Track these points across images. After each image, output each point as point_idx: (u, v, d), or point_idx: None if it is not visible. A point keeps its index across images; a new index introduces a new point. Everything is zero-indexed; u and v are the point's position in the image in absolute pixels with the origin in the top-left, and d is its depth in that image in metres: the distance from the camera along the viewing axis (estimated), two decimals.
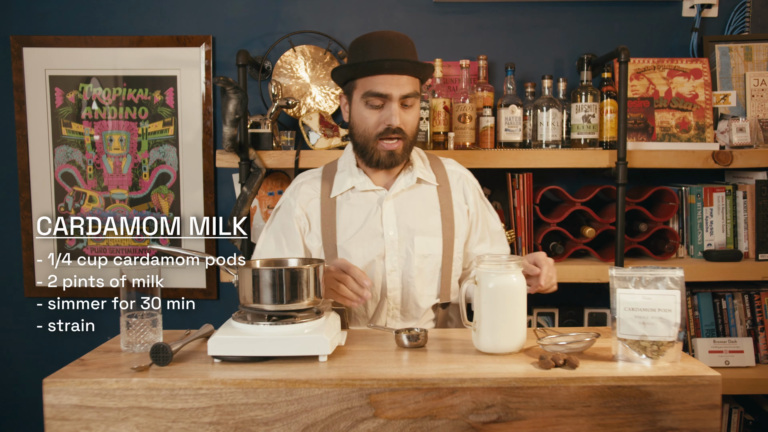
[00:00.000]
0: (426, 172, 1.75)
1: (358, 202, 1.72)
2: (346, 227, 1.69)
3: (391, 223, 1.69)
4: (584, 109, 2.23)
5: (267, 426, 1.13)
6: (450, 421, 1.14)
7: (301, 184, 1.77)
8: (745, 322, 2.27)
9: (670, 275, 1.23)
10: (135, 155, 2.48)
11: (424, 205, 1.72)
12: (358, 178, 1.72)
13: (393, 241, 1.68)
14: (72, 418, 1.14)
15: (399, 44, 1.64)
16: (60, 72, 2.45)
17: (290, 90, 2.42)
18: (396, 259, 1.68)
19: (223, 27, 2.46)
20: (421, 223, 1.70)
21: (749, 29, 2.40)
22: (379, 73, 1.61)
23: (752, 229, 2.26)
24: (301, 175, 1.82)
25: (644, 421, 1.14)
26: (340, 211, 1.71)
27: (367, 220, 1.69)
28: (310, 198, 1.74)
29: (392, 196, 1.71)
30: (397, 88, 1.62)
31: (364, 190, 1.72)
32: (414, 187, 1.73)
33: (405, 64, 1.61)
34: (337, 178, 1.75)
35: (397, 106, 1.63)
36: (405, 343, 1.33)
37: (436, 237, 1.69)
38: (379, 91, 1.61)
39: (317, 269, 1.31)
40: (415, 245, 1.68)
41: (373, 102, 1.63)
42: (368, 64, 1.61)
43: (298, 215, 1.72)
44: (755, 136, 2.25)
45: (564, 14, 2.45)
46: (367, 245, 1.67)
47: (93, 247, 2.49)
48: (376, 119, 1.64)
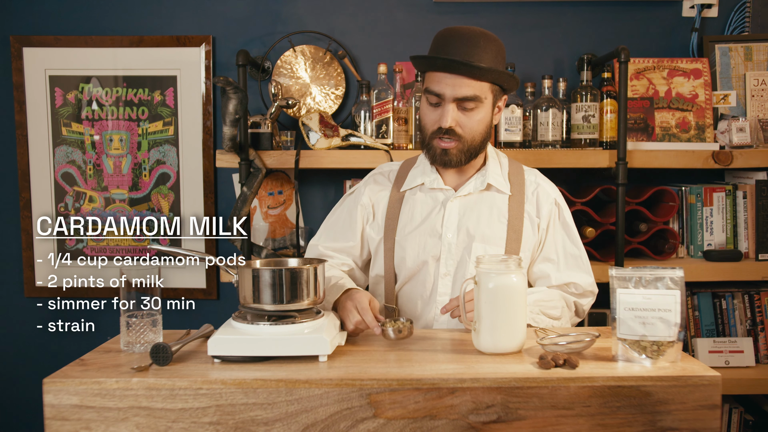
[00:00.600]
0: (500, 179, 1.67)
1: (423, 199, 1.68)
2: (406, 222, 1.67)
3: (451, 225, 1.64)
4: (584, 109, 2.23)
5: (267, 426, 1.13)
6: (450, 421, 1.14)
7: (377, 174, 1.77)
8: (745, 322, 2.27)
9: (670, 275, 1.23)
10: (135, 155, 2.48)
11: (492, 212, 1.64)
12: (430, 175, 1.69)
13: (450, 243, 1.62)
14: (72, 418, 1.14)
15: (471, 42, 1.53)
16: (60, 72, 2.46)
17: (290, 90, 2.43)
18: (451, 263, 1.62)
19: (223, 27, 2.46)
20: (484, 231, 1.62)
21: (749, 29, 2.40)
22: (434, 70, 1.57)
23: (752, 229, 2.26)
24: (380, 166, 1.81)
25: (644, 421, 1.14)
26: (405, 205, 1.69)
27: (428, 218, 1.65)
28: (380, 189, 1.73)
29: (458, 198, 1.65)
30: (451, 89, 1.54)
31: (433, 188, 1.68)
32: (484, 191, 1.66)
33: (458, 65, 1.52)
34: (411, 173, 1.72)
35: (451, 107, 1.56)
36: (391, 336, 1.34)
37: (498, 247, 1.61)
38: (434, 89, 1.57)
39: (317, 269, 1.31)
40: (473, 252, 1.60)
41: (431, 99, 1.58)
42: (424, 60, 1.57)
43: (364, 203, 1.72)
44: (755, 136, 2.25)
45: (564, 14, 2.45)
46: (423, 244, 1.63)
47: (93, 247, 2.49)
48: (433, 117, 1.59)
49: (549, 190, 1.70)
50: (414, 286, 1.66)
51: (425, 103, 1.61)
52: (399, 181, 1.73)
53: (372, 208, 1.72)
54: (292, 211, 2.45)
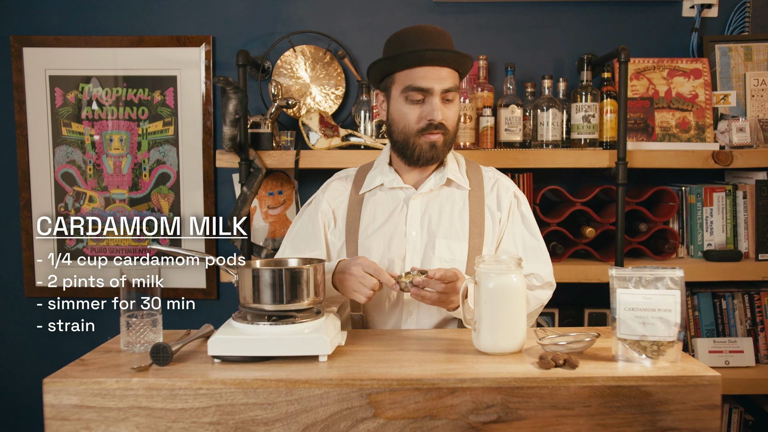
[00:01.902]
0: (459, 175, 1.69)
1: (384, 200, 1.68)
2: (368, 223, 1.66)
3: (414, 223, 1.64)
4: (584, 109, 2.23)
5: (267, 426, 1.13)
6: (450, 421, 1.14)
7: (333, 181, 1.77)
8: (745, 322, 2.27)
9: (670, 275, 1.23)
10: (135, 155, 2.48)
11: (453, 208, 1.66)
12: (388, 175, 1.69)
13: (415, 241, 1.63)
14: (72, 418, 1.14)
15: (438, 37, 1.58)
16: (60, 72, 2.46)
17: (290, 90, 2.43)
18: (416, 261, 1.62)
19: (223, 27, 2.46)
20: (446, 226, 1.63)
21: (749, 29, 2.40)
22: (420, 65, 1.56)
23: (752, 229, 2.26)
24: (337, 174, 1.81)
25: (644, 421, 1.14)
26: (366, 207, 1.68)
27: (391, 218, 1.65)
28: (339, 194, 1.73)
29: (419, 195, 1.66)
30: (438, 82, 1.57)
31: (392, 187, 1.68)
32: (444, 188, 1.67)
33: (447, 55, 1.56)
34: (369, 176, 1.72)
35: (438, 101, 1.58)
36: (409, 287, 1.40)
37: (461, 242, 1.62)
38: (420, 85, 1.57)
39: (317, 269, 1.31)
40: (436, 248, 1.61)
41: (414, 96, 1.58)
42: (409, 55, 1.56)
43: (324, 210, 1.71)
44: (755, 136, 2.25)
45: (564, 14, 2.45)
46: (388, 243, 1.63)
47: (93, 247, 2.49)
48: (417, 114, 1.59)
49: (508, 185, 1.72)
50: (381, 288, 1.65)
51: (403, 102, 1.61)
52: (357, 185, 1.72)
53: (332, 214, 1.71)
54: (292, 211, 2.45)
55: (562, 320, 2.36)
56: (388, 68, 1.62)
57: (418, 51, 1.55)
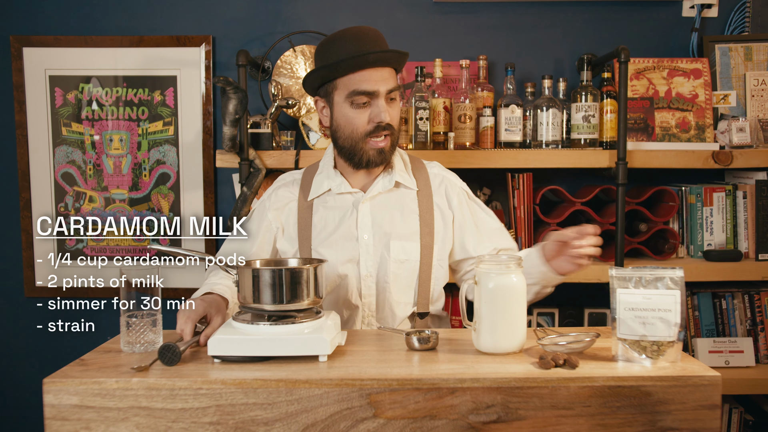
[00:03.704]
0: (406, 176, 1.69)
1: (334, 205, 1.67)
2: (320, 230, 1.65)
3: (366, 227, 1.64)
4: (584, 109, 2.23)
5: (267, 426, 1.13)
6: (450, 421, 1.14)
7: (279, 188, 1.74)
8: (745, 322, 2.27)
9: (670, 275, 1.23)
10: (135, 155, 2.48)
11: (402, 209, 1.66)
12: (335, 180, 1.68)
13: (368, 245, 1.63)
14: (72, 418, 1.14)
15: (373, 38, 1.58)
16: (60, 72, 2.46)
17: (290, 90, 2.43)
18: (371, 263, 1.63)
19: (223, 27, 2.46)
20: (398, 228, 1.64)
21: (749, 29, 2.40)
22: (363, 68, 1.55)
23: (752, 229, 2.26)
24: (281, 177, 1.78)
25: (644, 421, 1.14)
26: (316, 214, 1.67)
27: (341, 223, 1.65)
28: (287, 202, 1.70)
29: (369, 199, 1.66)
30: (383, 83, 1.57)
31: (341, 192, 1.67)
32: (392, 190, 1.67)
33: (389, 56, 1.56)
34: (315, 181, 1.70)
35: (384, 102, 1.58)
36: (416, 345, 1.31)
37: (413, 242, 1.64)
38: (365, 88, 1.56)
39: (317, 269, 1.31)
40: (391, 250, 1.62)
41: (359, 100, 1.57)
42: (352, 60, 1.54)
43: (270, 219, 1.69)
44: (755, 136, 2.25)
45: (564, 14, 2.45)
46: (341, 248, 1.63)
47: (93, 247, 2.49)
48: (364, 118, 1.58)
49: (453, 180, 1.73)
50: (338, 293, 1.64)
51: (348, 108, 1.59)
52: (304, 190, 1.70)
53: (280, 222, 1.69)
54: None
55: (562, 320, 2.36)
56: (329, 74, 1.60)
57: (360, 55, 1.53)
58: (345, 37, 1.58)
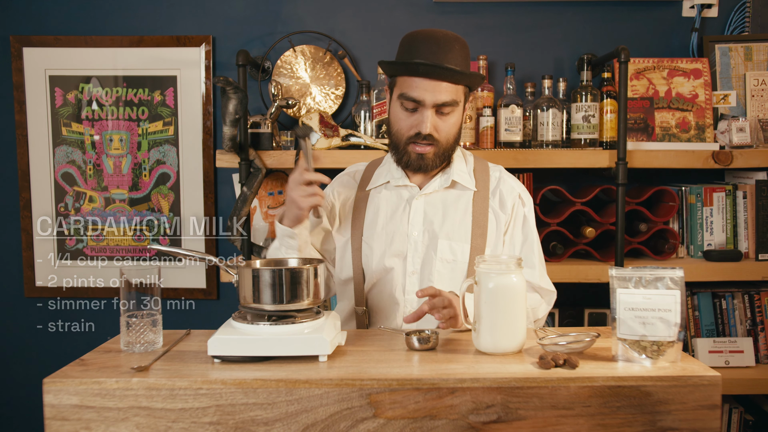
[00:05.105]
0: (465, 175, 1.66)
1: (389, 197, 1.67)
2: (372, 222, 1.66)
3: (416, 223, 1.63)
4: (584, 109, 2.23)
5: (267, 426, 1.13)
6: (450, 421, 1.14)
7: (344, 176, 1.77)
8: (745, 322, 2.27)
9: (670, 275, 1.23)
10: (135, 155, 2.48)
11: (456, 208, 1.64)
12: (395, 173, 1.68)
13: (417, 242, 1.62)
14: (72, 418, 1.14)
15: (446, 47, 1.53)
16: (60, 72, 2.46)
17: (290, 90, 2.43)
18: (417, 261, 1.61)
19: (223, 27, 2.46)
20: (448, 227, 1.62)
21: (749, 29, 2.40)
22: (414, 75, 1.54)
23: (752, 229, 2.26)
24: (349, 167, 1.80)
25: (644, 421, 1.14)
26: (371, 204, 1.68)
27: (393, 217, 1.65)
28: (346, 189, 1.73)
29: (423, 196, 1.64)
30: (432, 95, 1.53)
31: (398, 185, 1.67)
32: (449, 188, 1.65)
33: (441, 71, 1.51)
34: (377, 172, 1.72)
35: (430, 113, 1.55)
36: (416, 345, 1.31)
37: (464, 243, 1.60)
38: (413, 95, 1.54)
39: (317, 269, 1.31)
40: (438, 249, 1.60)
41: (407, 105, 1.56)
42: (403, 65, 1.54)
43: (329, 203, 1.71)
44: (755, 136, 2.25)
45: (564, 14, 2.45)
46: (389, 243, 1.62)
47: (93, 247, 2.49)
48: (409, 123, 1.57)
49: (513, 185, 1.69)
50: (383, 286, 1.64)
51: (399, 108, 1.59)
52: (365, 181, 1.72)
53: (337, 208, 1.71)
54: None
55: (562, 320, 2.36)
56: (391, 71, 1.62)
57: (412, 63, 1.52)
58: (418, 38, 1.56)
